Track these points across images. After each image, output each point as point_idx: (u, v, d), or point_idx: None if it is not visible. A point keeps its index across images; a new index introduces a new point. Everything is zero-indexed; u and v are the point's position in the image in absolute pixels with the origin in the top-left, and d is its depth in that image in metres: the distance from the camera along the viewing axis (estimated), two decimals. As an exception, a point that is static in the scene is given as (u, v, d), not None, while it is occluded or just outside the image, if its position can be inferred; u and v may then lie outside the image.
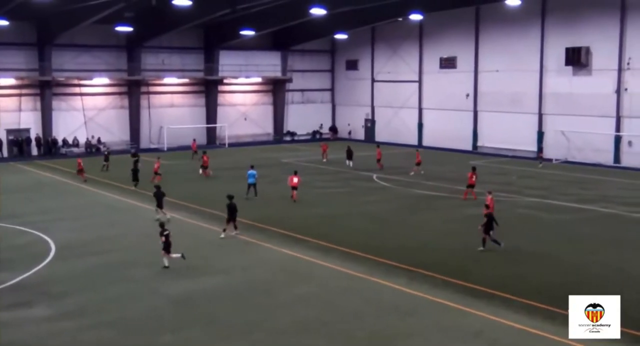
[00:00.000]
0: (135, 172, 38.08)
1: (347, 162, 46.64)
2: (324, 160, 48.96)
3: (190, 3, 41.54)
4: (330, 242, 24.81)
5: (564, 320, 16.54)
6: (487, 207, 24.24)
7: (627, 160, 46.74)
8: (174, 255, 21.70)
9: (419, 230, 27.27)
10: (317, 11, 48.50)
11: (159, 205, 28.82)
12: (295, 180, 34.08)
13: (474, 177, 33.90)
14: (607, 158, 47.64)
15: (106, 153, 46.43)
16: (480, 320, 16.96)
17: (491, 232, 23.51)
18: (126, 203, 33.49)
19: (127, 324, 16.86)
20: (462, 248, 24.22)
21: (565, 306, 17.37)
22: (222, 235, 25.51)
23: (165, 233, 21.70)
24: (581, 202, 33.07)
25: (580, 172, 44.10)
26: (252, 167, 34.72)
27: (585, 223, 28.34)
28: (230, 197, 25.91)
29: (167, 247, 21.59)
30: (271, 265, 22.11)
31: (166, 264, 21.54)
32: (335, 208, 31.95)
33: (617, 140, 47.61)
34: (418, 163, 42.66)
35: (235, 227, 25.90)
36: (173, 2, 41.81)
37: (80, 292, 19.28)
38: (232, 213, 25.71)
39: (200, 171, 41.88)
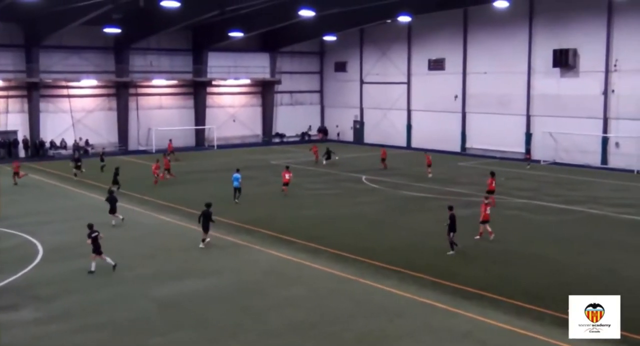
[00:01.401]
0: (115, 175, 36.71)
1: (324, 161, 48.49)
2: (316, 161, 48.90)
3: (178, 4, 41.43)
4: (320, 243, 24.82)
5: (552, 321, 16.73)
6: (450, 208, 23.88)
7: (614, 162, 47.02)
8: (107, 259, 21.37)
9: (408, 232, 27.28)
10: (306, 13, 48.57)
11: (112, 211, 28.15)
12: (287, 176, 35.34)
13: (494, 182, 32.22)
14: (595, 160, 47.91)
15: (101, 153, 46.60)
16: (469, 320, 17.01)
17: (452, 234, 23.31)
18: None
19: (115, 327, 16.78)
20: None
21: (554, 307, 17.61)
22: (202, 245, 24.41)
23: (94, 235, 21.24)
24: (569, 203, 33.22)
25: (568, 173, 44.31)
26: (237, 171, 34.35)
27: (574, 224, 28.47)
28: (208, 205, 24.72)
29: (96, 250, 21.20)
30: (260, 267, 22.08)
31: (92, 269, 21.05)
32: (324, 209, 31.95)
33: (605, 141, 47.87)
34: (429, 165, 43.04)
35: (208, 240, 24.65)
36: (161, 3, 41.71)
37: (68, 295, 19.18)
38: (206, 221, 24.39)
39: (167, 175, 40.50)
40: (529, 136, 52.28)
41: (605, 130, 47.76)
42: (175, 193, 36.01)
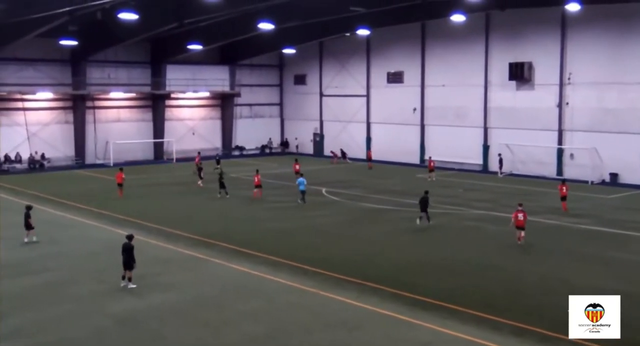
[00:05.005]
0: (221, 180, 39.18)
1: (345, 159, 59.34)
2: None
3: (136, 17, 41.07)
4: (280, 256, 24.71)
5: (511, 331, 16.95)
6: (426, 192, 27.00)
7: (569, 172, 47.83)
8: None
9: (368, 243, 27.34)
10: (265, 26, 48.56)
11: (27, 227, 27.35)
12: (297, 167, 44.54)
13: (564, 188, 34.72)
14: (550, 171, 48.73)
15: (217, 158, 53.49)
16: (429, 332, 17.06)
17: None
18: (70, 219, 32.78)
19: (69, 345, 16.40)
20: (411, 261, 24.45)
21: (511, 316, 17.84)
22: (123, 284, 21.08)
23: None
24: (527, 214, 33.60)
25: (524, 184, 44.95)
26: (302, 175, 37.80)
27: (530, 234, 28.73)
28: (129, 238, 21.53)
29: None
30: (220, 281, 21.87)
31: None
32: (285, 222, 31.86)
33: (560, 153, 48.78)
34: (431, 170, 47.51)
35: (130, 278, 21.03)
36: (119, 15, 41.30)
37: (22, 312, 18.67)
38: (127, 256, 21.01)
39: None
40: (486, 148, 53.00)
41: (560, 142, 48.68)
42: (132, 207, 35.57)
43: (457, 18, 48.19)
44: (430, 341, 16.48)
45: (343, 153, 60.94)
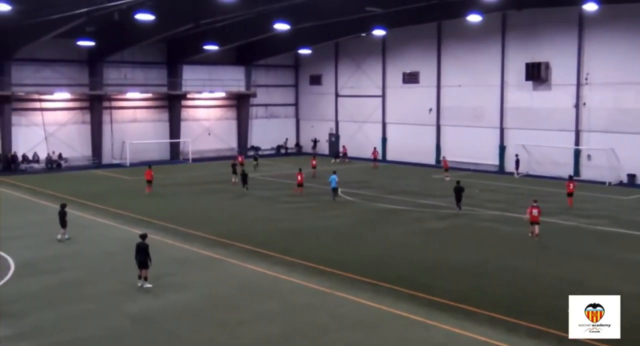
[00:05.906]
0: (244, 176, 40.98)
1: (333, 159, 59.50)
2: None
3: (153, 18, 41.30)
4: (296, 256, 24.74)
5: (527, 332, 16.86)
6: (458, 182, 24.62)
7: (586, 173, 47.54)
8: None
9: (383, 244, 27.31)
10: (281, 26, 48.66)
11: (62, 225, 27.82)
12: (314, 162, 49.34)
13: (572, 185, 36.40)
14: (567, 172, 48.27)
15: (256, 156, 57.14)
16: (445, 333, 17.01)
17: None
18: (86, 219, 32.99)
19: (85, 344, 16.51)
20: (426, 261, 24.39)
21: (526, 318, 17.73)
22: (139, 284, 21.07)
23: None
24: (542, 214, 33.39)
25: (540, 185, 44.67)
26: (334, 172, 39.27)
27: (546, 235, 28.61)
28: (143, 237, 21.51)
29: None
30: (235, 281, 21.93)
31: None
32: (300, 223, 31.89)
33: (577, 153, 48.45)
34: (446, 169, 48.75)
35: (146, 278, 21.04)
36: (136, 16, 41.54)
37: (39, 311, 18.86)
38: (142, 255, 20.93)
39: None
40: (502, 148, 52.74)
41: (577, 143, 48.35)
42: (149, 207, 35.75)
43: (473, 18, 48.00)
44: (445, 342, 16.43)
45: (336, 154, 61.53)
